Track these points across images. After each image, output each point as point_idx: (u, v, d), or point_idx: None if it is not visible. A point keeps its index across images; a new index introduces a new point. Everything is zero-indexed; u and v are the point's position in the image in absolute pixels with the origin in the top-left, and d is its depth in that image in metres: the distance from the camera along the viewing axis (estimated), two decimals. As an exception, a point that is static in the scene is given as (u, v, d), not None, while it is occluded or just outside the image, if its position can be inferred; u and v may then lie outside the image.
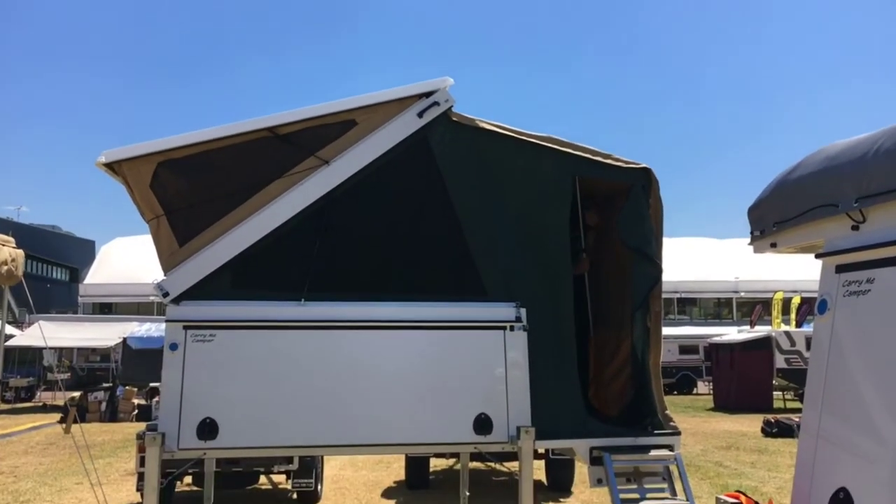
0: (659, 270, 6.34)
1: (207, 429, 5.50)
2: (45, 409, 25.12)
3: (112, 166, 5.68)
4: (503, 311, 5.97)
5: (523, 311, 5.98)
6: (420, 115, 6.03)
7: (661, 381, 6.44)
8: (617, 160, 6.40)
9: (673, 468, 5.99)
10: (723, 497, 3.68)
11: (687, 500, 5.74)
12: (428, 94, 6.06)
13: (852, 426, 3.34)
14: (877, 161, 3.31)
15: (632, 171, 6.40)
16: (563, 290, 6.18)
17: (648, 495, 5.89)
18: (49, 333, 23.07)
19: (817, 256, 3.75)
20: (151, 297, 40.31)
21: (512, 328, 5.95)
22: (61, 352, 23.80)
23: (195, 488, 9.98)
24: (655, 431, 6.11)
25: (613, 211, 6.83)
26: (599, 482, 5.91)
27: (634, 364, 6.41)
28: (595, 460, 5.92)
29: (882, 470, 3.14)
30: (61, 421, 20.17)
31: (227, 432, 5.54)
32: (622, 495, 5.71)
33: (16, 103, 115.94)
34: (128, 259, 43.90)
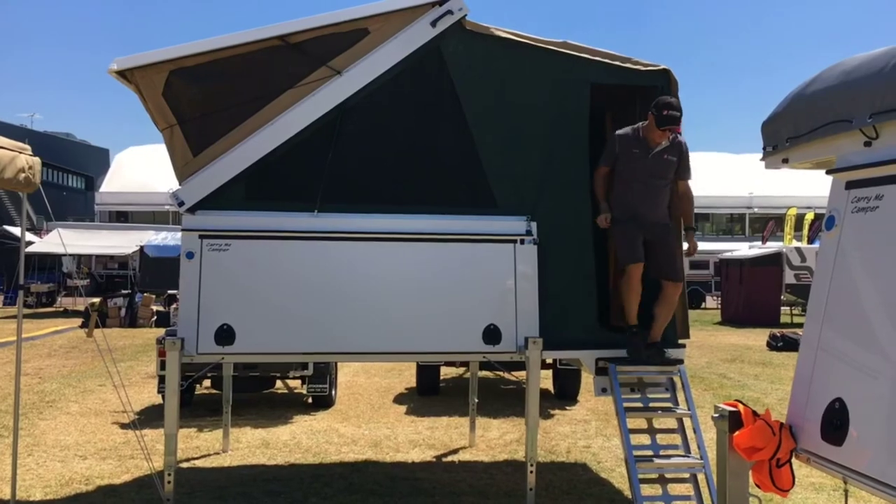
0: None
1: (225, 334, 5.68)
2: (66, 314, 25.73)
3: (124, 74, 5.66)
4: (514, 224, 6.01)
5: (534, 224, 6.02)
6: (433, 24, 5.92)
7: (683, 288, 6.34)
8: (636, 63, 6.25)
9: (676, 379, 6.15)
10: (721, 406, 3.80)
11: (689, 410, 5.94)
12: (441, 2, 5.93)
13: (853, 340, 3.42)
14: (892, 76, 3.26)
15: (651, 74, 6.26)
16: (581, 203, 6.15)
17: (651, 404, 6.08)
18: (67, 240, 23.43)
19: (828, 172, 3.75)
20: (166, 207, 40.76)
21: (522, 241, 6.00)
22: (80, 259, 24.17)
23: (214, 391, 10.35)
24: (664, 341, 6.21)
25: (633, 116, 6.73)
26: (604, 391, 6.07)
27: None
28: (600, 370, 6.05)
29: (882, 386, 3.24)
30: (82, 326, 20.74)
31: (244, 338, 5.72)
32: (626, 404, 5.86)
33: (29, 9, 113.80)
34: (142, 168, 44.10)
